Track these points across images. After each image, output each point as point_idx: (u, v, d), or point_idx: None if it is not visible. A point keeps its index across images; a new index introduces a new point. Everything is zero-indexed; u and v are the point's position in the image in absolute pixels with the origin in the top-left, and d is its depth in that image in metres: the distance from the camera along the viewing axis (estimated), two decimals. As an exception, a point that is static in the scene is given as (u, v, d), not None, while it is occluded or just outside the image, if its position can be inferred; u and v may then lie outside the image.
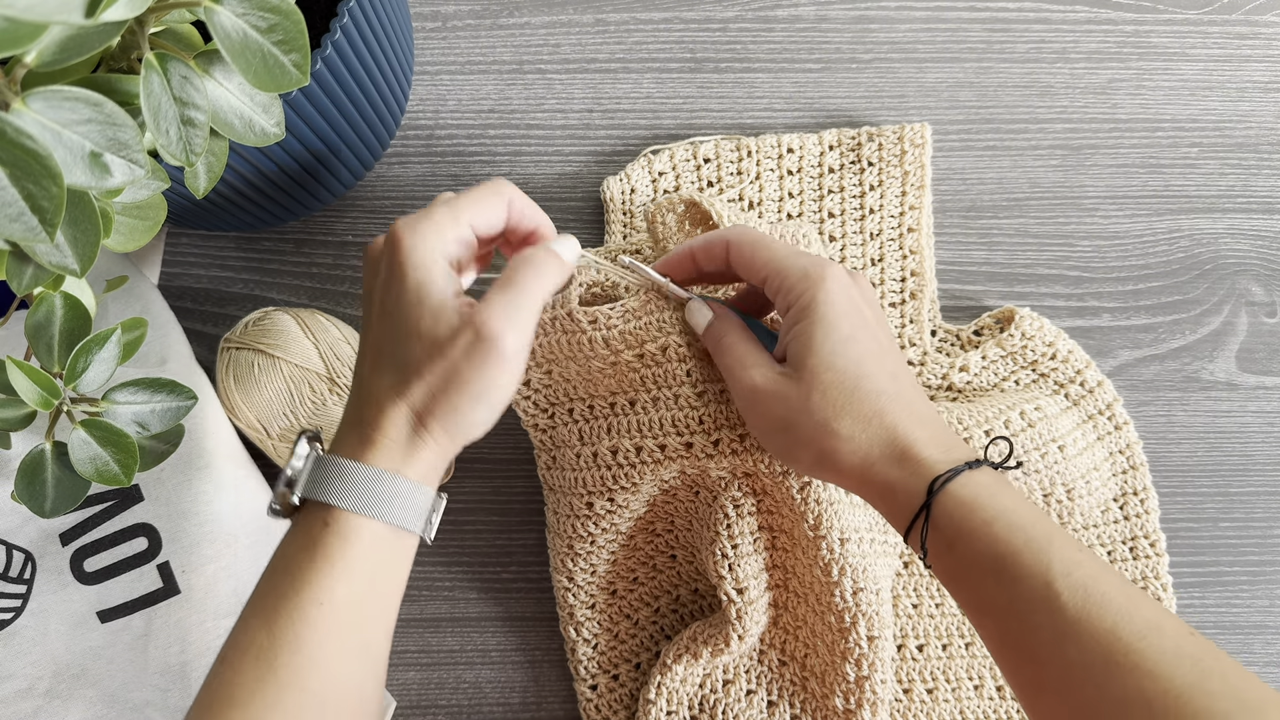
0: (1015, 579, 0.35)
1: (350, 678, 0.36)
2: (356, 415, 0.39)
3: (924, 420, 0.39)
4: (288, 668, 0.34)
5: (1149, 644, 0.32)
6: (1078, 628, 0.33)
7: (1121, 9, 0.65)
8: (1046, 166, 0.62)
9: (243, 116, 0.35)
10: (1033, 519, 0.36)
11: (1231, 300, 0.61)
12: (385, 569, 0.38)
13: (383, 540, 0.38)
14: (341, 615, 0.36)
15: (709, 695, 0.52)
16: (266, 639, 0.35)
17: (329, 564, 0.36)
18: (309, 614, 0.35)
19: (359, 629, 0.37)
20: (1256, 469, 0.59)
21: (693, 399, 0.45)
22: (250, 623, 0.36)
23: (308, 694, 0.35)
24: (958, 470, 0.37)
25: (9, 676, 0.48)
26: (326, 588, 0.36)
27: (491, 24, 0.64)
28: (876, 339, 0.41)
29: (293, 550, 0.37)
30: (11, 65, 0.27)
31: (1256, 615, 0.57)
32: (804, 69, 0.63)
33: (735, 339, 0.43)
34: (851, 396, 0.39)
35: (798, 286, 0.40)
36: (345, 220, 0.61)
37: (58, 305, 0.38)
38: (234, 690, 0.34)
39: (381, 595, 0.38)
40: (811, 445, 0.40)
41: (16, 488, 0.39)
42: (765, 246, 0.42)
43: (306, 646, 0.35)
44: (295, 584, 0.36)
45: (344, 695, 0.36)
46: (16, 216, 0.26)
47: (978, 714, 0.54)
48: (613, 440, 0.48)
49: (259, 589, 0.37)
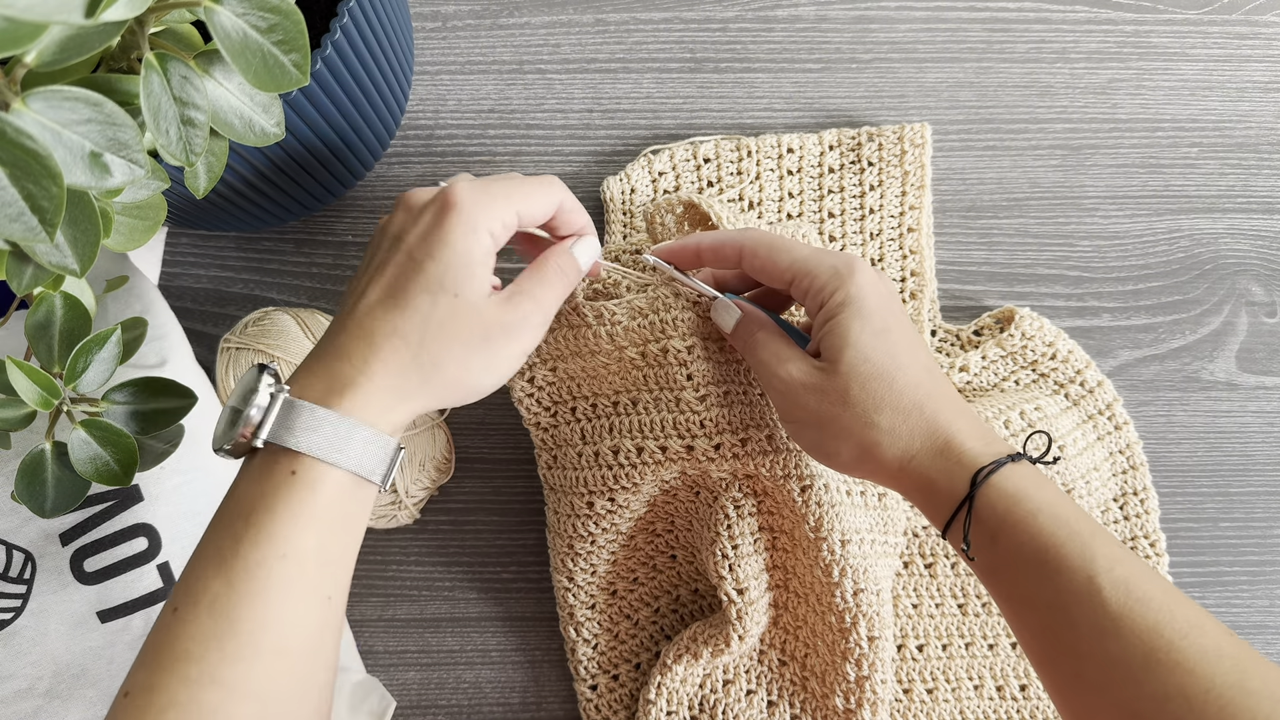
0: (1058, 571, 0.35)
1: (310, 630, 0.35)
2: (337, 349, 0.37)
3: (962, 412, 0.40)
4: (247, 620, 0.33)
5: (1190, 642, 0.32)
6: (1119, 624, 0.33)
7: (1121, 9, 0.65)
8: (1046, 166, 0.62)
9: (243, 116, 0.35)
10: (1075, 514, 0.36)
11: (1231, 300, 0.61)
12: (347, 518, 0.37)
13: (347, 490, 0.36)
14: (306, 566, 0.34)
15: (709, 695, 0.52)
16: (224, 589, 0.33)
17: (293, 515, 0.34)
18: (271, 566, 0.33)
19: (321, 580, 0.35)
20: (1256, 469, 0.59)
21: (694, 403, 0.45)
22: (204, 570, 0.34)
23: (267, 646, 0.33)
24: (1001, 462, 0.37)
25: (9, 676, 0.48)
26: (290, 538, 0.34)
27: (491, 24, 0.64)
28: (908, 333, 0.41)
29: (251, 495, 0.35)
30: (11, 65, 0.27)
31: (1256, 615, 0.57)
32: (804, 69, 0.63)
33: (767, 336, 0.43)
34: (890, 388, 0.39)
35: (830, 284, 0.41)
36: (345, 220, 0.61)
37: (58, 305, 0.38)
38: (188, 643, 0.32)
39: (343, 546, 0.37)
40: (851, 438, 0.40)
41: (16, 488, 0.38)
42: (786, 249, 0.43)
43: (267, 599, 0.33)
44: (256, 533, 0.34)
45: (304, 647, 0.34)
46: (16, 216, 0.26)
47: (978, 714, 0.54)
48: (614, 440, 0.48)
49: (210, 535, 0.35)
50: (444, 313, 0.37)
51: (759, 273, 0.44)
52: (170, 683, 0.32)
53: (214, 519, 0.36)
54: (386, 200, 0.61)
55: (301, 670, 0.34)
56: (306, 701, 0.35)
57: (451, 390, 0.39)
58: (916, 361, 0.40)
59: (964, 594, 0.55)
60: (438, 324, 0.37)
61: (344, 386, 0.36)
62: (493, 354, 0.39)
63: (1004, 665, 0.54)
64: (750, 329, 0.44)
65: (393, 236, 0.40)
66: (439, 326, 0.37)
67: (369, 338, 0.37)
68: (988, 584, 0.38)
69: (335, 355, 0.37)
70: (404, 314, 0.37)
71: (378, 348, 0.37)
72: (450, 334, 0.38)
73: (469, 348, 0.38)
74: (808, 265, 0.42)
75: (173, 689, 0.32)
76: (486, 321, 0.38)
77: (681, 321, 0.46)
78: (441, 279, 0.37)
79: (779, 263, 0.42)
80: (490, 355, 0.39)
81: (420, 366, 0.37)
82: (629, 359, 0.47)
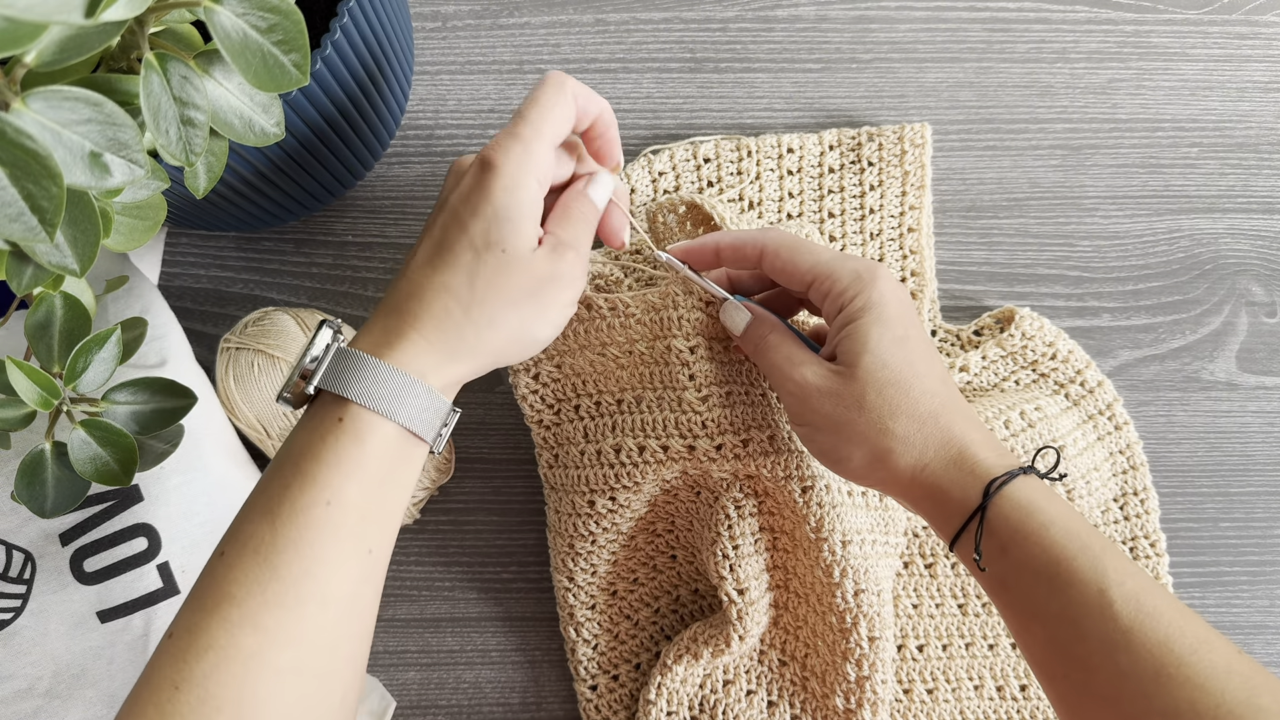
0: (1070, 584, 0.35)
1: (351, 581, 0.35)
2: (391, 306, 0.38)
3: (975, 424, 0.40)
4: (289, 565, 0.33)
5: (1200, 658, 0.32)
6: (1129, 637, 0.33)
7: (1121, 9, 0.65)
8: (1046, 166, 0.62)
9: (243, 116, 0.35)
10: (1085, 528, 0.36)
11: (1231, 300, 0.61)
12: (394, 473, 0.37)
13: (395, 443, 0.37)
14: (349, 516, 0.35)
15: (709, 695, 0.52)
16: (269, 534, 0.34)
17: (339, 461, 0.35)
18: (315, 512, 0.34)
19: (364, 532, 0.36)
20: (1256, 469, 0.59)
21: (696, 403, 0.45)
22: (251, 516, 0.35)
23: (308, 592, 0.34)
24: (1014, 474, 0.37)
25: (9, 676, 0.48)
26: (335, 485, 0.35)
27: (491, 24, 0.64)
28: (925, 342, 0.41)
29: (301, 443, 0.36)
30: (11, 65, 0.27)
31: (1256, 615, 0.57)
32: (804, 69, 0.63)
33: (780, 338, 0.43)
34: (907, 396, 0.39)
35: (851, 288, 0.41)
36: (345, 220, 0.61)
37: (58, 305, 0.38)
38: (231, 586, 0.33)
39: (388, 500, 0.37)
40: (865, 444, 0.39)
41: (16, 488, 0.38)
42: (808, 250, 0.42)
43: (310, 545, 0.34)
44: (303, 480, 0.34)
45: (343, 597, 0.35)
46: (16, 216, 0.26)
47: (978, 714, 0.54)
48: (616, 438, 0.48)
49: (263, 483, 0.36)
50: (491, 269, 0.38)
51: (778, 274, 0.43)
52: (211, 624, 0.32)
53: (267, 469, 0.36)
54: (386, 200, 0.61)
55: (339, 621, 0.35)
56: (339, 653, 0.35)
57: (508, 346, 0.40)
58: (933, 371, 0.40)
59: (964, 594, 0.55)
60: (485, 280, 0.38)
61: (396, 339, 0.37)
62: (544, 305, 0.40)
63: (1004, 665, 0.54)
64: (762, 331, 0.43)
65: (441, 200, 0.41)
66: (487, 283, 0.38)
67: (419, 294, 0.38)
68: (995, 596, 0.38)
69: (388, 312, 0.38)
70: (451, 270, 0.38)
71: (428, 304, 0.38)
72: (499, 290, 0.38)
73: (520, 304, 0.39)
74: (829, 268, 0.42)
75: (213, 631, 0.32)
76: (536, 275, 0.39)
77: (686, 321, 0.46)
78: (487, 235, 0.38)
79: (800, 264, 0.42)
80: (542, 307, 0.40)
81: (474, 323, 0.38)
82: (639, 354, 0.47)
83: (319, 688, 0.34)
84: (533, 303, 0.39)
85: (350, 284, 0.60)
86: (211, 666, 0.32)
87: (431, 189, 0.61)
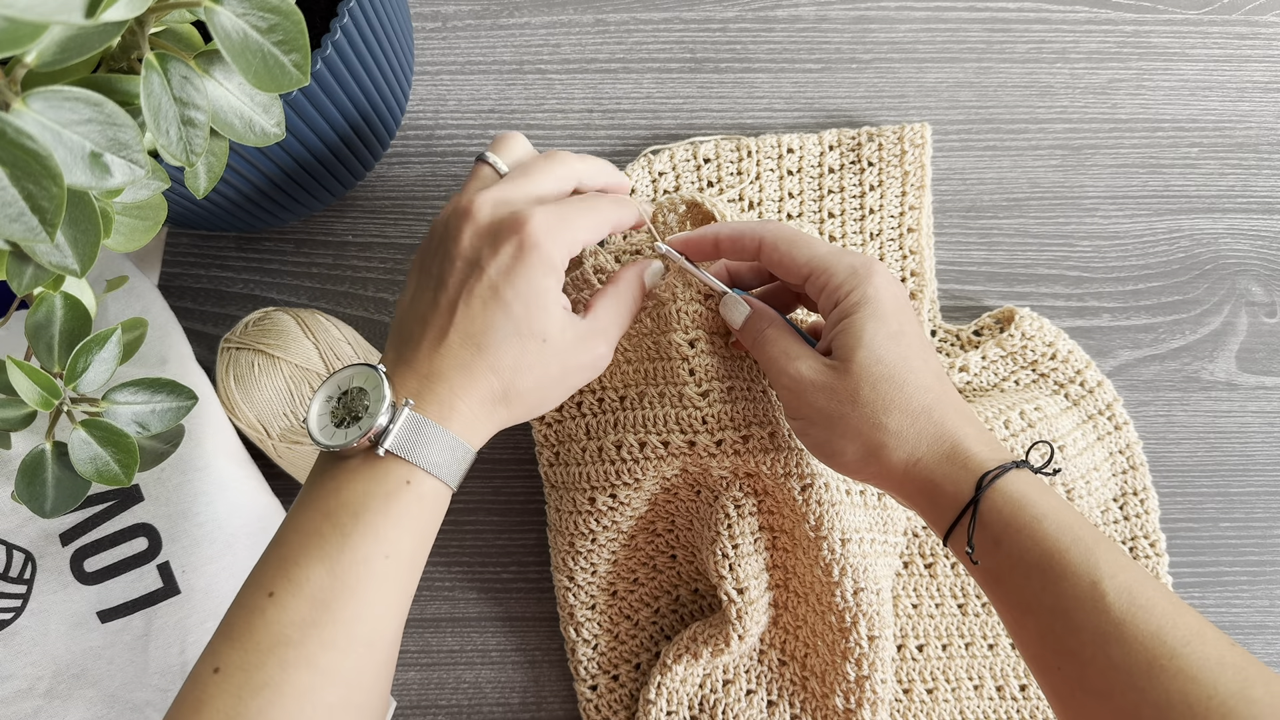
0: (1062, 577, 0.35)
1: (396, 624, 0.38)
2: (435, 372, 0.40)
3: (969, 418, 0.40)
4: (345, 610, 0.35)
5: (1193, 650, 0.32)
6: (1122, 630, 0.33)
7: (1121, 9, 0.65)
8: (1046, 166, 0.62)
9: (243, 116, 0.35)
10: (1078, 521, 0.36)
11: (1231, 300, 0.61)
12: (434, 524, 0.40)
13: (440, 499, 0.39)
14: (402, 568, 0.37)
15: (709, 695, 0.52)
16: (328, 581, 0.35)
17: (401, 519, 0.37)
18: (375, 564, 0.36)
19: (411, 581, 0.38)
20: (1256, 469, 0.59)
21: (696, 398, 0.45)
22: (306, 561, 0.36)
23: (359, 637, 0.35)
24: (1006, 468, 0.38)
25: (9, 676, 0.48)
26: (395, 540, 0.37)
27: (491, 24, 0.64)
28: (921, 337, 0.41)
29: (360, 494, 0.37)
30: (11, 65, 0.27)
31: (1256, 615, 0.57)
32: (804, 69, 0.63)
33: (777, 332, 0.43)
34: (901, 391, 0.39)
35: (847, 283, 0.41)
36: (345, 220, 0.61)
37: (58, 305, 0.38)
38: (287, 629, 0.34)
39: (426, 549, 0.40)
40: (858, 439, 0.40)
41: (16, 488, 0.38)
42: (806, 244, 0.43)
43: (366, 593, 0.36)
44: (364, 530, 0.36)
45: (385, 640, 0.37)
46: (17, 216, 0.26)
47: (978, 714, 0.54)
48: (618, 434, 0.48)
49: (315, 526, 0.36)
50: (532, 358, 0.41)
51: (776, 266, 0.44)
52: (268, 663, 0.33)
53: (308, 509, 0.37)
54: (386, 200, 0.61)
55: (384, 661, 0.37)
56: (378, 689, 0.37)
57: (530, 411, 0.43)
58: (927, 366, 0.40)
59: (964, 594, 0.55)
60: (527, 366, 0.41)
61: (450, 411, 0.39)
62: (566, 385, 0.43)
63: (1004, 665, 0.54)
64: (759, 325, 0.44)
65: (469, 259, 0.41)
66: (528, 368, 0.41)
67: (467, 370, 0.40)
68: (989, 590, 0.38)
69: (437, 378, 0.40)
70: (497, 355, 0.40)
71: (475, 380, 0.40)
72: (536, 374, 0.41)
73: (548, 384, 0.42)
74: (826, 262, 0.42)
75: (269, 669, 0.33)
76: (565, 361, 0.42)
77: (685, 315, 0.46)
78: (530, 323, 0.40)
79: (797, 258, 0.43)
80: (564, 387, 0.43)
81: (507, 396, 0.41)
82: (643, 349, 0.47)
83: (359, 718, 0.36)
84: (560, 385, 0.43)
85: (350, 284, 0.60)
86: (266, 703, 0.33)
87: (431, 189, 0.61)
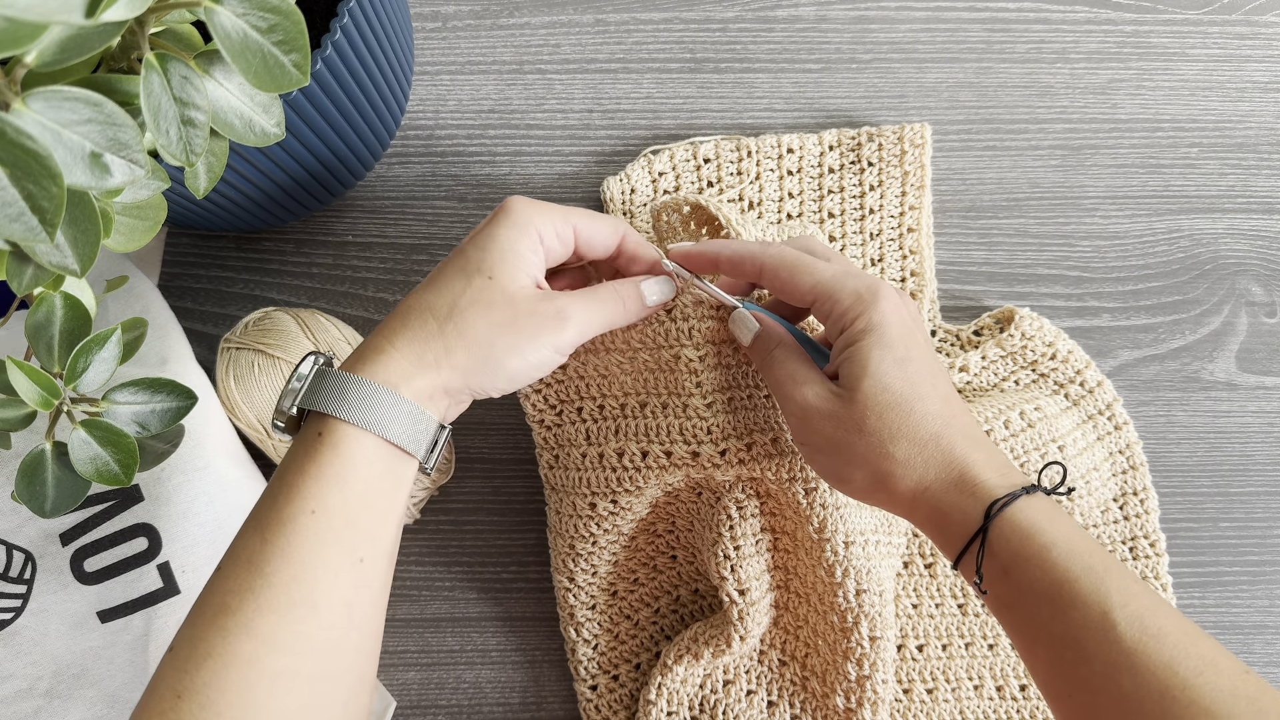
0: (1071, 606, 0.34)
1: (341, 588, 0.36)
2: (378, 330, 0.40)
3: (979, 444, 0.39)
4: (278, 571, 0.34)
5: (1205, 680, 0.32)
6: (1133, 659, 0.33)
7: (1121, 9, 0.65)
8: (1046, 166, 0.62)
9: (243, 116, 0.35)
10: (1090, 547, 0.36)
11: (1231, 300, 0.61)
12: (380, 484, 0.38)
13: (378, 456, 0.37)
14: (335, 523, 0.36)
15: (709, 695, 0.52)
16: (259, 544, 0.35)
17: (319, 471, 0.36)
18: (300, 521, 0.35)
19: (353, 540, 0.36)
20: (1256, 469, 0.59)
21: (702, 409, 0.45)
22: (245, 532, 0.36)
23: (298, 597, 0.35)
24: (1015, 495, 0.37)
25: (9, 676, 0.48)
26: (318, 495, 0.36)
27: (491, 24, 0.64)
28: (929, 361, 0.40)
29: (288, 462, 0.37)
30: (11, 65, 0.27)
31: (1256, 615, 0.57)
32: (804, 69, 0.63)
33: (785, 354, 0.42)
34: (908, 419, 0.38)
35: (853, 309, 0.40)
36: (345, 220, 0.61)
37: (58, 305, 0.38)
38: (226, 596, 0.34)
39: (377, 510, 0.38)
40: (866, 467, 0.39)
41: (16, 488, 0.38)
42: (808, 270, 0.42)
43: (297, 551, 0.35)
44: (289, 492, 0.36)
45: (335, 603, 0.36)
46: (17, 216, 0.26)
47: (978, 714, 0.54)
48: (619, 443, 0.48)
49: (258, 503, 0.37)
50: (475, 291, 0.39)
51: (779, 292, 0.43)
52: (209, 634, 0.33)
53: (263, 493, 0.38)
54: (386, 200, 0.61)
55: (333, 627, 0.36)
56: (340, 658, 0.36)
57: (477, 365, 0.39)
58: (936, 391, 0.39)
59: (964, 594, 0.55)
60: (468, 300, 0.39)
61: (371, 355, 0.39)
62: (517, 336, 0.40)
63: (1004, 665, 0.54)
64: (767, 345, 0.43)
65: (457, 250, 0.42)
66: (469, 302, 0.39)
67: (404, 314, 0.39)
68: (1000, 616, 0.38)
69: (374, 334, 0.40)
70: (437, 291, 0.40)
71: (408, 321, 0.39)
72: (478, 310, 0.39)
73: (494, 326, 0.39)
74: (830, 288, 0.41)
75: (210, 639, 0.33)
76: (516, 306, 0.40)
77: (697, 331, 0.45)
78: (480, 263, 0.40)
79: (800, 285, 0.42)
80: (515, 337, 0.40)
81: (444, 334, 0.39)
82: (642, 362, 0.47)
83: (318, 694, 0.35)
84: (507, 331, 0.39)
85: (350, 284, 0.60)
86: (211, 674, 0.33)
87: (431, 189, 0.61)
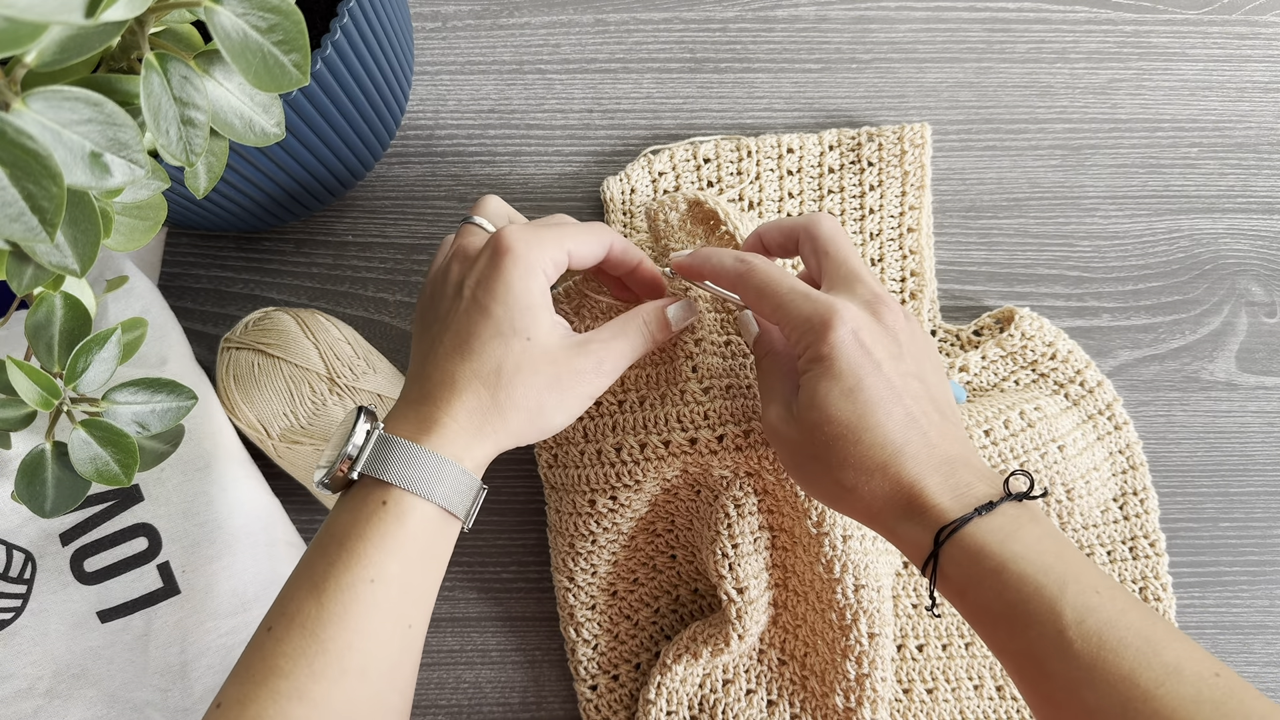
0: (1027, 625, 0.34)
1: (391, 654, 0.37)
2: (423, 394, 0.40)
3: (937, 466, 0.38)
4: (335, 640, 0.35)
5: (1167, 690, 0.31)
6: (1092, 674, 0.33)
7: (1121, 9, 0.65)
8: (1046, 166, 0.62)
9: (243, 116, 0.35)
10: (1044, 564, 0.35)
11: (1231, 300, 0.61)
12: (432, 550, 0.39)
13: (432, 522, 0.39)
14: (391, 592, 0.37)
15: (709, 695, 0.52)
16: (315, 609, 0.35)
17: (383, 541, 0.37)
18: (359, 589, 0.36)
19: (404, 607, 0.38)
20: (1256, 469, 0.59)
21: (698, 394, 0.46)
22: (298, 593, 0.36)
23: (351, 666, 0.35)
24: (966, 518, 0.36)
25: (9, 676, 0.48)
26: (379, 563, 0.36)
27: (491, 24, 0.64)
28: (890, 384, 0.39)
29: (345, 523, 0.37)
30: (11, 65, 0.27)
31: (1256, 615, 0.57)
32: (804, 69, 0.63)
33: (770, 364, 0.43)
34: (854, 448, 0.38)
35: (804, 339, 0.40)
36: (345, 220, 0.61)
37: (58, 305, 0.38)
38: (279, 660, 0.35)
39: (426, 575, 0.39)
40: (821, 488, 0.41)
41: (16, 488, 0.38)
42: (772, 294, 0.42)
43: (354, 620, 0.36)
44: (347, 557, 0.36)
45: (384, 670, 0.37)
46: (16, 216, 0.26)
47: (978, 714, 0.54)
48: (617, 437, 0.48)
49: (308, 559, 0.37)
50: (518, 356, 0.40)
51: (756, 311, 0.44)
52: (260, 695, 0.34)
53: (310, 546, 0.39)
54: (386, 200, 0.61)
55: (379, 692, 0.37)
56: None
57: (526, 427, 0.41)
58: (890, 417, 0.38)
59: (964, 594, 0.55)
60: (513, 367, 0.40)
61: (431, 425, 0.39)
62: (563, 394, 0.41)
63: (1004, 665, 0.54)
64: (759, 351, 0.44)
65: (454, 285, 0.42)
66: (514, 369, 0.40)
67: (451, 383, 0.40)
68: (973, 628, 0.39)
69: (421, 400, 0.40)
70: (480, 359, 0.40)
71: (459, 391, 0.40)
72: (525, 376, 0.40)
73: (541, 389, 0.41)
74: (786, 314, 0.41)
75: (262, 701, 0.34)
76: (558, 365, 0.41)
77: (698, 324, 0.46)
78: (512, 323, 0.40)
79: (764, 309, 0.42)
80: (561, 395, 0.41)
81: (498, 406, 0.40)
82: (647, 355, 0.48)
83: None
84: (554, 391, 0.41)
85: (350, 284, 0.60)
86: None
87: (431, 189, 0.61)
